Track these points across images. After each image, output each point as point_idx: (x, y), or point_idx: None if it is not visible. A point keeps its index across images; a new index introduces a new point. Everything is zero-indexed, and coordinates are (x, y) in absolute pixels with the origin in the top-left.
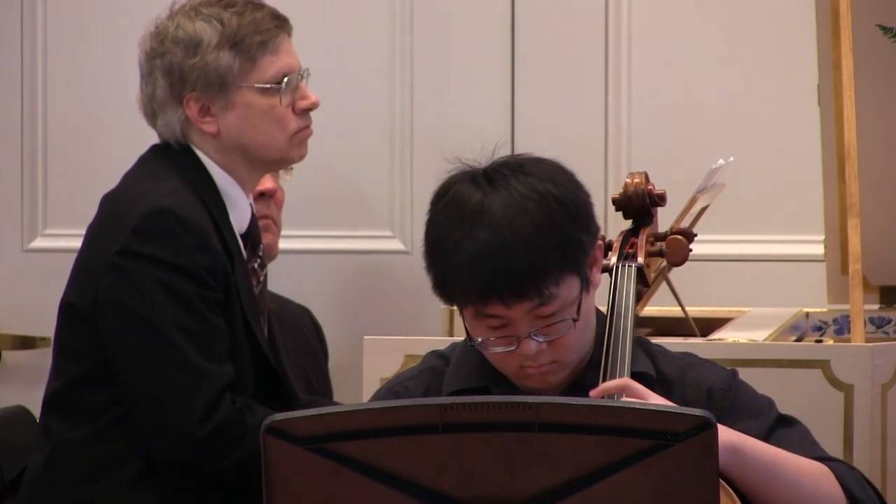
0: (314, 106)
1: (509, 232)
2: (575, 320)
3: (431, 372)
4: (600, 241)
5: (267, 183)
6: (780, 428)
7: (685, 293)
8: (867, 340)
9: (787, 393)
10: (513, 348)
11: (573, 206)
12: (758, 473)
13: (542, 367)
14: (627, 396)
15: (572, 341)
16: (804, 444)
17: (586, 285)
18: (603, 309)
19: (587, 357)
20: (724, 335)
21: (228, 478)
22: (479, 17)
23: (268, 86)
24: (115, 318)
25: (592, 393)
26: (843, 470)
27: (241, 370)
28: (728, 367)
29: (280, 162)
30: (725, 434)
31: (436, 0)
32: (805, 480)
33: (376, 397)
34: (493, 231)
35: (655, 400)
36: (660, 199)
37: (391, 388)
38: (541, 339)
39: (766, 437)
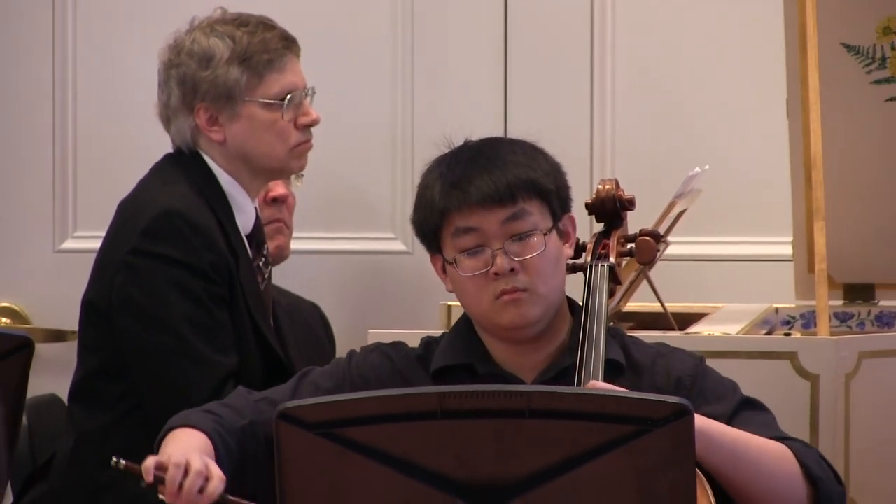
0: (315, 122)
1: (497, 151)
2: (545, 234)
3: (425, 348)
4: (573, 216)
5: (279, 189)
6: (743, 410)
7: (664, 290)
8: (832, 334)
9: (758, 382)
10: (488, 268)
11: (556, 164)
12: (722, 454)
13: (517, 294)
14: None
15: (542, 268)
16: (766, 425)
17: (558, 228)
18: (579, 304)
19: (564, 343)
20: (700, 329)
21: None
22: (475, 33)
23: (272, 101)
24: (128, 313)
25: None
26: (800, 448)
27: (248, 360)
28: (697, 354)
29: (280, 171)
30: (698, 419)
31: (435, 18)
32: (765, 459)
33: (373, 349)
34: (481, 150)
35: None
36: (629, 204)
37: (387, 351)
38: (513, 256)
39: (730, 418)
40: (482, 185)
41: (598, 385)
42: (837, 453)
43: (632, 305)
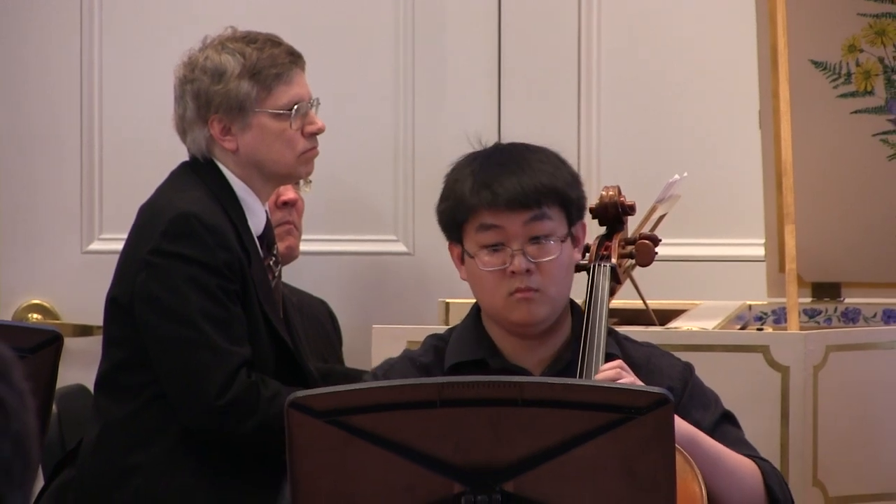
0: (320, 131)
1: (527, 158)
2: (562, 240)
3: (434, 349)
4: (585, 223)
5: (289, 194)
6: (724, 423)
7: (646, 288)
8: (801, 329)
9: (733, 374)
10: (506, 265)
11: (577, 175)
12: (705, 461)
13: (529, 293)
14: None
15: (555, 272)
16: (740, 440)
17: (572, 236)
18: (581, 301)
19: (567, 340)
20: (680, 324)
21: (247, 442)
22: (471, 48)
23: (280, 112)
24: (149, 308)
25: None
26: (768, 469)
27: (260, 349)
28: (683, 360)
29: (289, 177)
30: (686, 427)
31: (433, 34)
32: (739, 473)
33: (387, 365)
34: (512, 155)
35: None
36: (630, 209)
37: (403, 359)
38: (531, 258)
39: (713, 428)
40: (511, 188)
41: (607, 371)
42: (806, 439)
43: (616, 302)
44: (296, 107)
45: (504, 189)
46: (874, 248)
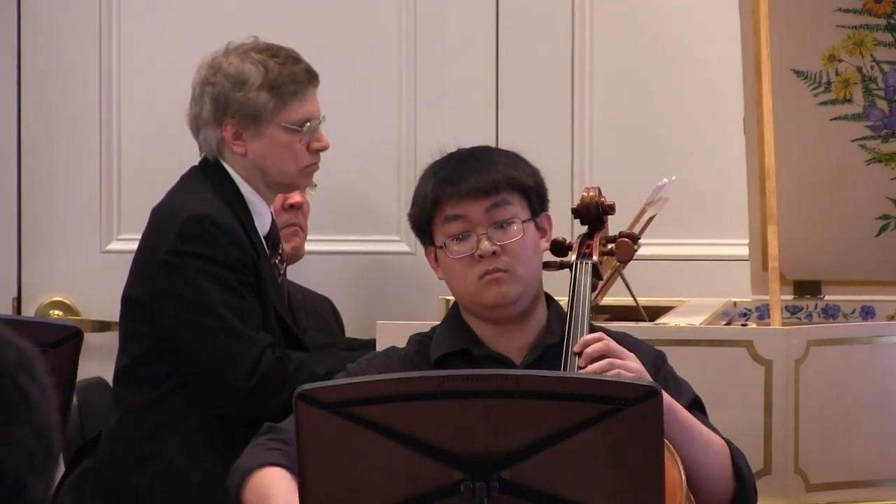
0: (325, 148)
1: (485, 154)
2: (524, 222)
3: (418, 343)
4: (549, 215)
5: (296, 196)
6: (694, 408)
7: (636, 286)
8: (783, 324)
9: (719, 367)
10: (473, 251)
11: (536, 169)
12: (680, 432)
13: (497, 273)
14: (606, 343)
15: (521, 252)
16: (708, 426)
17: (536, 223)
18: (565, 297)
19: (544, 327)
20: (668, 320)
21: (278, 415)
22: (470, 61)
23: (292, 126)
24: (172, 304)
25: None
26: (735, 450)
27: (273, 339)
28: (661, 348)
29: (290, 187)
30: (666, 397)
31: (435, 45)
32: (711, 449)
33: (371, 355)
34: (471, 153)
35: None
36: (610, 209)
37: (386, 352)
38: (496, 241)
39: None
40: (470, 179)
41: (599, 362)
42: (788, 430)
43: (608, 299)
44: (307, 124)
45: (464, 181)
46: (853, 248)
